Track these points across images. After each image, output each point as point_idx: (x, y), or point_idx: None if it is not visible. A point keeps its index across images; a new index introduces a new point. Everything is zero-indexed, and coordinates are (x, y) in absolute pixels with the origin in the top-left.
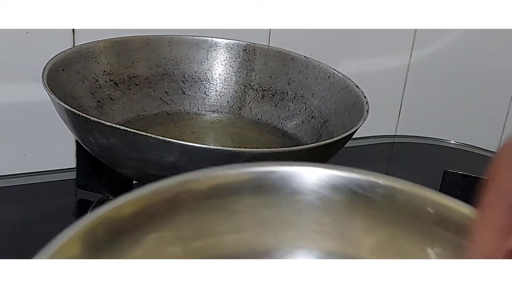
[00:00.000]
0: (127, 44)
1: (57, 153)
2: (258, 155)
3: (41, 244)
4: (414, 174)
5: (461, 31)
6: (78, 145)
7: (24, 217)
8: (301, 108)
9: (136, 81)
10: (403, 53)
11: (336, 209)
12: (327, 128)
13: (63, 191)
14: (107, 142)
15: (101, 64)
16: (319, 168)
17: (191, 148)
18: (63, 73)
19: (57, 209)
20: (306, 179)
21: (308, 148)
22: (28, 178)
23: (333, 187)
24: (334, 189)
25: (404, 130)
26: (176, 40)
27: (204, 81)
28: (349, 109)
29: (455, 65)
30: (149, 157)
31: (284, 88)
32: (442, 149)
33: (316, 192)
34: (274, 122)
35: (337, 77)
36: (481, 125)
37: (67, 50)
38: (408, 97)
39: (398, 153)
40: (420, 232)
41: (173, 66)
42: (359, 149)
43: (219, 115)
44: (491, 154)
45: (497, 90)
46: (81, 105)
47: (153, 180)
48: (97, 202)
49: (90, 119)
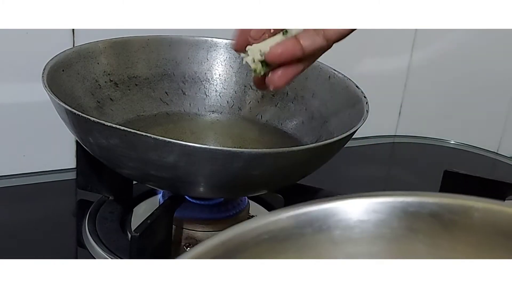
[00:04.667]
0: (127, 45)
1: (57, 153)
2: (258, 155)
3: (41, 244)
4: (414, 174)
5: (461, 31)
6: (78, 145)
7: (24, 217)
8: (301, 108)
9: (136, 82)
10: (403, 53)
11: (437, 237)
12: (327, 128)
13: (63, 191)
14: (107, 143)
15: (101, 64)
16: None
17: (191, 148)
18: (63, 73)
19: (57, 209)
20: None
21: (308, 148)
22: (28, 178)
23: (431, 213)
24: (433, 215)
25: (404, 130)
26: (176, 40)
27: (204, 81)
28: (349, 109)
29: (455, 65)
30: (149, 157)
31: (284, 89)
32: (442, 149)
33: (404, 222)
34: (274, 122)
35: (337, 77)
36: (481, 125)
37: (67, 50)
38: (408, 97)
39: (398, 153)
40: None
41: (173, 66)
42: (359, 149)
43: (219, 115)
44: (491, 154)
45: (497, 90)
46: (81, 105)
47: (153, 180)
48: (97, 202)
49: (90, 120)
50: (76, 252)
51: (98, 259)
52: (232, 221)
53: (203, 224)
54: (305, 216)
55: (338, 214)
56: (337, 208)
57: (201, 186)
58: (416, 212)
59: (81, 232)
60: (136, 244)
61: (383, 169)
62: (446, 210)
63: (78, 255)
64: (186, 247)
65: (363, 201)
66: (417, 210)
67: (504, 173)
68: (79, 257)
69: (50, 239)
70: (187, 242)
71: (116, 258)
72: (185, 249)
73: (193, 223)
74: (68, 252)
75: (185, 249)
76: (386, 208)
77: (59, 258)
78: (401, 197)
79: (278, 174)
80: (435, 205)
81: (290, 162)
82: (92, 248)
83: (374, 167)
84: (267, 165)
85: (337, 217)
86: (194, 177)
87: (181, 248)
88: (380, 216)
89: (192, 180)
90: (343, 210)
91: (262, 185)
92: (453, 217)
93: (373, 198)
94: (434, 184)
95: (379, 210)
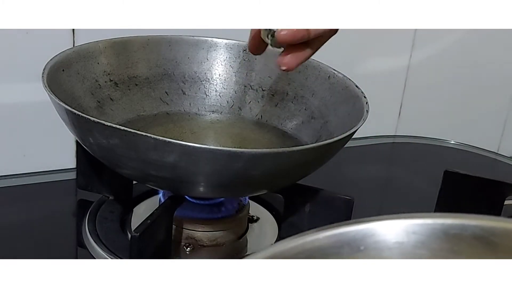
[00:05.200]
0: (127, 44)
1: (57, 153)
2: (258, 155)
3: (41, 244)
4: (414, 174)
5: (461, 31)
6: (78, 145)
7: (24, 217)
8: (301, 108)
9: (136, 81)
10: (403, 53)
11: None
12: (327, 128)
13: (63, 191)
14: (107, 143)
15: (101, 64)
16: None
17: (191, 148)
18: (63, 73)
19: (57, 209)
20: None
21: (308, 148)
22: (28, 178)
23: (474, 236)
24: (476, 238)
25: (404, 130)
26: (176, 40)
27: (204, 81)
28: (349, 109)
29: (455, 65)
30: (149, 157)
31: (284, 88)
32: (442, 149)
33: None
34: (274, 122)
35: (337, 77)
36: (481, 125)
37: (67, 50)
38: (408, 97)
39: (398, 153)
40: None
41: (173, 66)
42: (359, 149)
43: (219, 115)
44: (491, 154)
45: (497, 90)
46: (81, 105)
47: (153, 180)
48: (97, 202)
49: (90, 120)
50: (76, 252)
51: (98, 259)
52: (232, 221)
53: (203, 224)
54: (343, 236)
55: (376, 235)
56: (375, 229)
57: (201, 186)
58: (458, 234)
59: (81, 232)
60: (136, 244)
61: (383, 169)
62: (490, 233)
63: (78, 255)
64: (186, 247)
65: (402, 222)
66: (459, 233)
67: (504, 173)
68: (79, 257)
69: (50, 239)
70: (187, 242)
71: (116, 258)
72: (185, 249)
73: (193, 223)
74: (68, 252)
75: (185, 249)
76: (426, 230)
77: (59, 258)
78: (441, 219)
79: (278, 174)
80: (478, 228)
81: (290, 162)
82: (92, 248)
83: (374, 167)
84: (267, 165)
85: (375, 238)
86: (194, 177)
87: (181, 248)
88: (420, 237)
89: (192, 180)
90: (381, 231)
91: (262, 185)
92: (496, 240)
93: (412, 220)
94: (434, 184)
95: (419, 232)
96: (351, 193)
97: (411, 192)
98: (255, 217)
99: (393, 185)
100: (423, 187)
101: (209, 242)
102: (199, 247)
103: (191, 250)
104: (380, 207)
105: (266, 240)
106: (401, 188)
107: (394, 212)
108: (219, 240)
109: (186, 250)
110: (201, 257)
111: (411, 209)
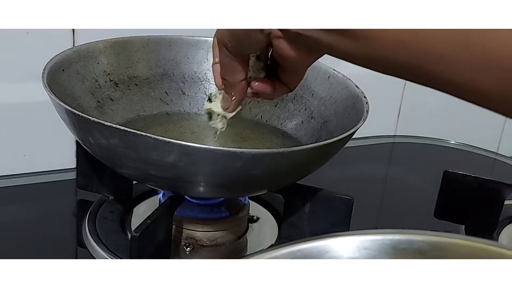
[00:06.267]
0: (127, 45)
1: (57, 153)
2: (258, 155)
3: (41, 244)
4: (414, 174)
5: None
6: (78, 145)
7: (24, 217)
8: (301, 108)
9: (136, 82)
10: None
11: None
12: (327, 128)
13: (63, 191)
14: (107, 143)
15: (101, 64)
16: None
17: (191, 148)
18: (63, 73)
19: (57, 209)
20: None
21: (308, 148)
22: (28, 178)
23: (419, 251)
24: (420, 252)
25: (404, 130)
26: (176, 40)
27: (204, 81)
28: (349, 109)
29: None
30: (149, 157)
31: None
32: (442, 149)
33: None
34: (274, 122)
35: (337, 77)
36: (481, 125)
37: (67, 50)
38: (408, 97)
39: (398, 153)
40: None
41: (173, 66)
42: (359, 149)
43: None
44: (491, 154)
45: None
46: (81, 105)
47: (153, 180)
48: (97, 202)
49: (90, 120)
50: (76, 252)
51: (98, 259)
52: (232, 221)
53: (203, 224)
54: (300, 253)
55: (330, 251)
56: (329, 246)
57: (201, 186)
58: (406, 249)
59: (81, 232)
60: (136, 244)
61: (383, 169)
62: (434, 247)
63: (78, 255)
64: (186, 247)
65: (354, 238)
66: (407, 247)
67: (504, 173)
68: (79, 257)
69: (50, 239)
70: (187, 242)
71: (116, 258)
72: (185, 249)
73: (193, 223)
74: (68, 252)
75: (185, 249)
76: (376, 245)
77: (59, 258)
78: (390, 235)
79: (278, 174)
80: (424, 243)
81: (290, 162)
82: (92, 248)
83: (374, 167)
84: (267, 165)
85: (330, 254)
86: (194, 177)
87: (181, 248)
88: (371, 253)
89: (192, 180)
90: (335, 247)
91: (262, 185)
92: (440, 254)
93: (363, 236)
94: (434, 184)
95: (370, 247)
96: (351, 193)
97: (411, 192)
98: (255, 217)
99: (393, 185)
100: (423, 187)
101: (209, 242)
102: (199, 247)
103: (191, 250)
104: (380, 207)
105: (266, 240)
106: (401, 188)
107: (394, 212)
108: (219, 240)
109: (186, 250)
110: (201, 257)
111: (411, 209)
